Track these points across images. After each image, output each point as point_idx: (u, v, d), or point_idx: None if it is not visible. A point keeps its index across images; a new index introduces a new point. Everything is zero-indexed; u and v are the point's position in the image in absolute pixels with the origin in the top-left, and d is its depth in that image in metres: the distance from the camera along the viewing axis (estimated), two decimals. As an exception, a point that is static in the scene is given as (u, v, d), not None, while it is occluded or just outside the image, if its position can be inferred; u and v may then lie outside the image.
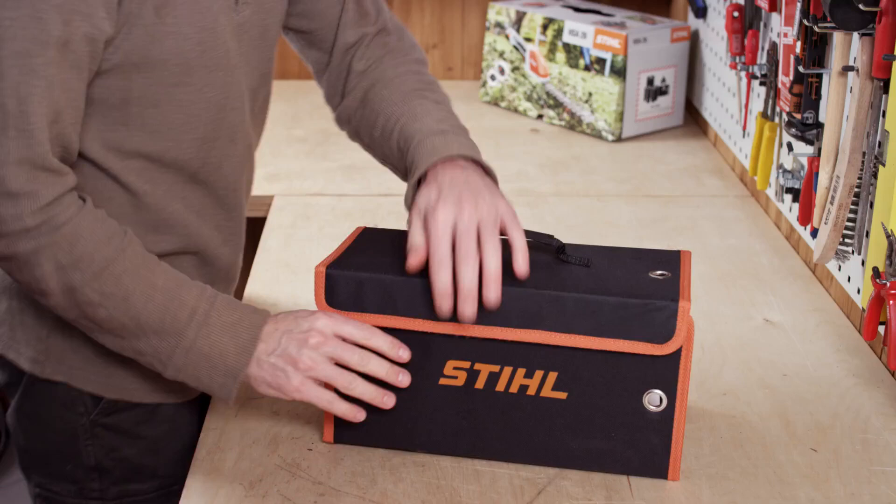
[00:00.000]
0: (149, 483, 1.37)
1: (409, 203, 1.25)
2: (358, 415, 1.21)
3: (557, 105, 2.41)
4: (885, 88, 1.36)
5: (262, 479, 1.20)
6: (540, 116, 2.46)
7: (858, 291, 1.52)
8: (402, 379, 1.20)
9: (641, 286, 1.17)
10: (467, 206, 1.18)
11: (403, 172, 1.33)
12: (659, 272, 1.20)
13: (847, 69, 1.43)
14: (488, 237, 1.17)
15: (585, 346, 1.17)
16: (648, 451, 1.20)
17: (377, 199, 1.99)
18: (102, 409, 1.32)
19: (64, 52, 1.12)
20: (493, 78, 2.54)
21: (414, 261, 1.18)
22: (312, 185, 2.06)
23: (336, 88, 1.45)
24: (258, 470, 1.22)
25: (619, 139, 2.33)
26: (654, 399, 1.19)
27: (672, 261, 1.24)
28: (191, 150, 1.28)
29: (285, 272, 1.70)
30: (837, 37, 1.47)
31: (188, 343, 1.19)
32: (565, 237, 1.82)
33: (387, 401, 1.20)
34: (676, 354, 1.18)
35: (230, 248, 1.39)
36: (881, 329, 1.37)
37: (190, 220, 1.32)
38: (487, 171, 1.27)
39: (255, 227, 1.95)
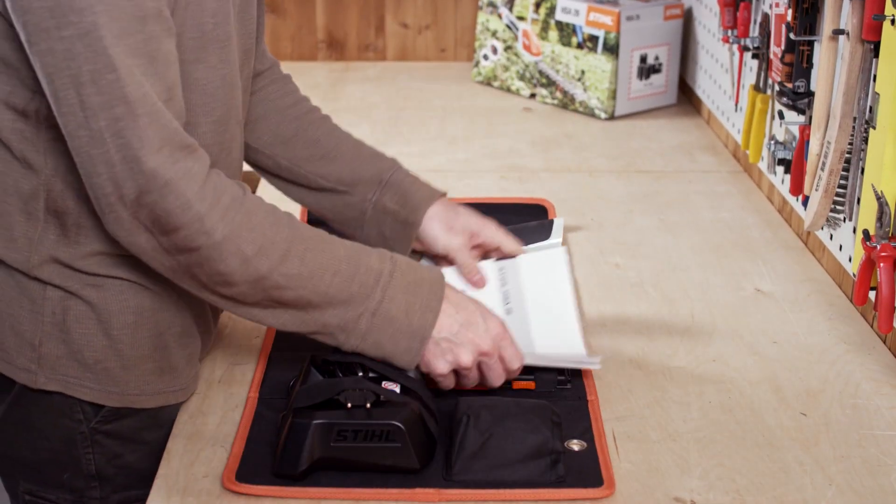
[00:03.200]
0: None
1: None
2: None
3: (550, 84, 2.39)
4: (876, 52, 1.35)
5: (245, 441, 1.19)
6: (533, 95, 2.44)
7: (850, 260, 1.51)
8: None
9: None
10: None
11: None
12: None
13: (837, 32, 1.42)
14: None
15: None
16: None
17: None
18: (104, 417, 1.22)
19: (159, 21, 1.06)
20: (485, 58, 2.52)
21: None
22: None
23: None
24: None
25: (611, 117, 2.32)
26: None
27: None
28: (209, 134, 1.21)
29: (272, 244, 1.68)
30: (828, 1, 1.45)
31: (374, 306, 1.16)
32: (556, 210, 1.81)
33: None
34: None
35: None
36: (872, 295, 1.35)
37: None
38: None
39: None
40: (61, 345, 1.19)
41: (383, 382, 1.16)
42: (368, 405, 1.13)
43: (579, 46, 2.32)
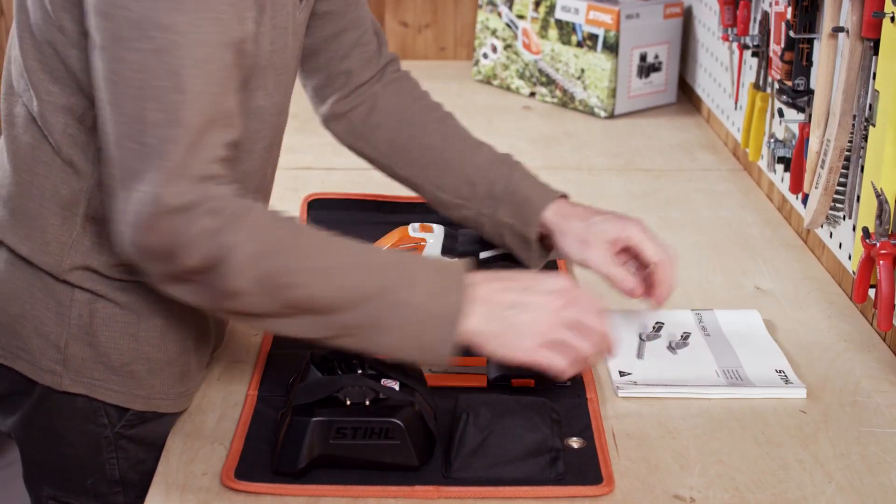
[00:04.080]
0: None
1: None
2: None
3: (550, 82, 2.39)
4: (875, 49, 1.35)
5: (244, 439, 1.19)
6: (532, 94, 2.44)
7: (850, 258, 1.51)
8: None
9: None
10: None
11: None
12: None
13: (837, 30, 1.42)
14: None
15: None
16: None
17: (366, 172, 1.97)
18: (128, 422, 1.21)
19: (239, 54, 1.06)
20: (485, 56, 2.52)
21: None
22: (302, 159, 2.05)
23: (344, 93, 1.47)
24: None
25: (611, 116, 2.31)
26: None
27: None
28: (258, 160, 1.21)
29: (272, 242, 1.68)
30: (828, -1, 1.45)
31: (391, 297, 1.08)
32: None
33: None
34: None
35: None
36: (872, 293, 1.35)
37: None
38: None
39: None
40: (87, 347, 1.18)
41: (383, 380, 1.16)
42: (368, 402, 1.12)
43: (579, 45, 2.32)
